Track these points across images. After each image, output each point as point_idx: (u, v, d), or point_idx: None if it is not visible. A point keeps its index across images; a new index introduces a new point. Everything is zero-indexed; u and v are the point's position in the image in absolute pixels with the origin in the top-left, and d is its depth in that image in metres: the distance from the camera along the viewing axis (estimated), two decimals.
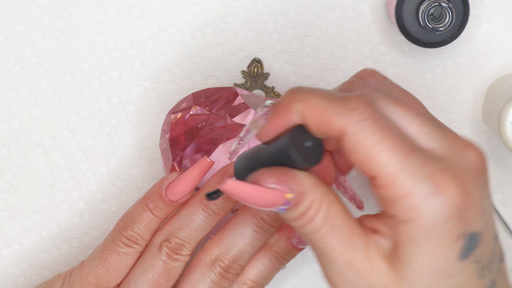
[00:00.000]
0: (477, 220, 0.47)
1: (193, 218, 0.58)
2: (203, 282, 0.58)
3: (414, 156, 0.46)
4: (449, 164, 0.46)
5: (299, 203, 0.48)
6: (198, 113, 0.62)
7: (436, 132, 0.47)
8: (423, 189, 0.45)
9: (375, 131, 0.46)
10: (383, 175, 0.46)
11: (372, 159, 0.46)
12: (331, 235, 0.48)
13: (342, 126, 0.46)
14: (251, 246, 0.58)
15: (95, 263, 0.59)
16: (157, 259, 0.58)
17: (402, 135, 0.46)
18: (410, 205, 0.46)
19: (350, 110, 0.46)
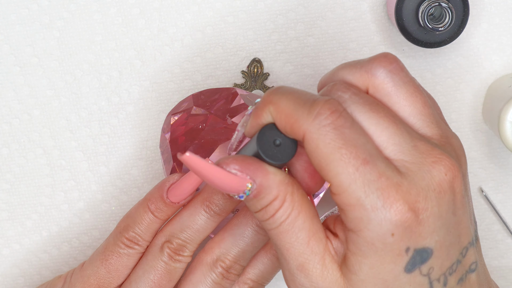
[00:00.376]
0: (429, 236, 0.47)
1: (195, 219, 0.58)
2: (204, 282, 0.58)
3: (369, 167, 0.46)
4: (408, 180, 0.46)
5: (259, 195, 0.48)
6: (198, 114, 0.62)
7: (406, 144, 0.47)
8: (371, 202, 0.46)
9: (332, 139, 0.46)
10: (335, 183, 0.46)
11: (326, 166, 0.46)
12: (289, 235, 0.48)
13: (304, 130, 0.47)
14: (252, 246, 0.58)
15: (96, 264, 0.59)
16: (159, 260, 0.58)
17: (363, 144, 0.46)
18: (356, 216, 0.46)
19: (313, 115, 0.46)
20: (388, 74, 0.48)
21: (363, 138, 0.47)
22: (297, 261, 0.48)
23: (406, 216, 0.46)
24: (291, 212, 0.48)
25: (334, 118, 0.46)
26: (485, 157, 0.67)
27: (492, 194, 0.68)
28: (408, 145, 0.47)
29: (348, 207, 0.46)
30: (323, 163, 0.46)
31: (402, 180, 0.46)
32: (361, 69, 0.49)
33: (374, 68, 0.49)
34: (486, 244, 0.68)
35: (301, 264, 0.48)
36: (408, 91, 0.49)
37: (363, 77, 0.49)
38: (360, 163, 0.46)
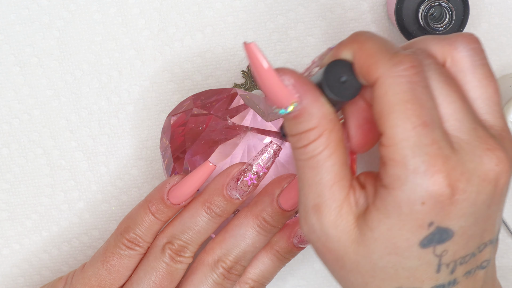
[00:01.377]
0: (456, 218, 0.46)
1: (196, 220, 0.58)
2: (206, 283, 0.58)
3: (427, 130, 0.45)
4: (458, 157, 0.46)
5: (299, 118, 0.47)
6: (198, 114, 0.62)
7: (467, 123, 0.47)
8: (415, 164, 0.45)
9: (403, 91, 0.45)
10: (388, 134, 0.46)
11: (387, 115, 0.46)
12: (315, 173, 0.48)
13: (379, 74, 0.46)
14: (253, 247, 0.58)
15: (97, 266, 0.59)
16: (160, 261, 0.58)
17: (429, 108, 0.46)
18: (395, 173, 0.46)
19: (393, 62, 0.46)
20: (469, 51, 0.48)
21: (430, 102, 0.46)
22: (315, 201, 0.48)
23: (442, 190, 0.45)
24: (323, 149, 0.47)
25: (412, 72, 0.46)
26: None
27: None
28: (469, 124, 0.47)
29: (391, 161, 0.46)
30: (385, 111, 0.46)
31: (452, 155, 0.46)
32: (443, 40, 0.49)
33: (457, 42, 0.48)
34: None
35: (318, 205, 0.48)
36: (484, 74, 0.48)
37: (444, 48, 0.48)
38: (419, 123, 0.45)
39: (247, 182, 0.58)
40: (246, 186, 0.58)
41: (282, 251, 0.60)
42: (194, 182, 0.58)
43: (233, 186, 0.58)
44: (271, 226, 0.58)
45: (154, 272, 0.58)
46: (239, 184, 0.58)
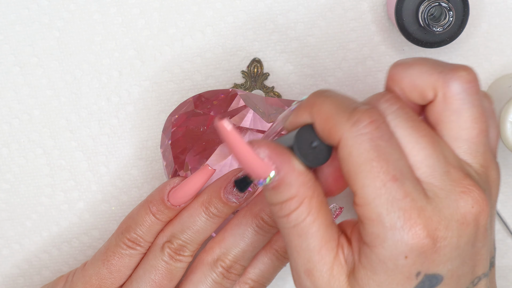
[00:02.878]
0: (443, 263, 0.46)
1: (195, 220, 0.58)
2: (205, 282, 0.59)
3: (397, 184, 0.45)
4: (433, 205, 0.46)
5: (278, 188, 0.48)
6: (198, 115, 0.62)
7: (439, 168, 0.47)
8: (391, 221, 0.45)
9: (367, 149, 0.45)
10: (359, 195, 0.46)
11: (355, 176, 0.46)
12: (301, 240, 0.48)
13: (340, 136, 0.46)
14: (252, 246, 0.59)
15: (98, 265, 0.59)
16: (160, 260, 0.58)
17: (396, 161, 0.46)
18: (374, 232, 0.46)
19: (352, 122, 0.46)
20: (462, 91, 0.47)
21: (397, 154, 0.46)
22: (305, 266, 0.48)
23: (423, 242, 0.45)
24: (306, 216, 0.48)
25: (372, 128, 0.46)
26: None
27: None
28: (441, 169, 0.46)
29: (368, 220, 0.46)
30: (352, 172, 0.46)
31: (426, 205, 0.46)
32: (439, 74, 0.47)
33: (452, 80, 0.47)
34: None
35: (309, 270, 0.48)
36: (472, 116, 0.47)
37: (438, 82, 0.47)
38: (388, 179, 0.45)
39: None
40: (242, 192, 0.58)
41: (281, 250, 0.60)
42: (193, 185, 0.58)
43: (230, 190, 0.58)
44: (269, 226, 0.59)
45: (154, 270, 0.58)
46: (234, 190, 0.58)
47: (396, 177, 0.45)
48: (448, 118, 0.48)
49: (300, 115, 0.48)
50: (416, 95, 0.48)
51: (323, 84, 0.66)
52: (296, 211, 0.48)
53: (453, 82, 0.47)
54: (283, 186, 0.47)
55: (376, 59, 0.66)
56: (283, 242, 0.60)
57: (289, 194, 0.47)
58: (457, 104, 0.47)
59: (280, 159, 0.47)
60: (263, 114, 0.63)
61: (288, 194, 0.47)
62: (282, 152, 0.47)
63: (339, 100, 0.47)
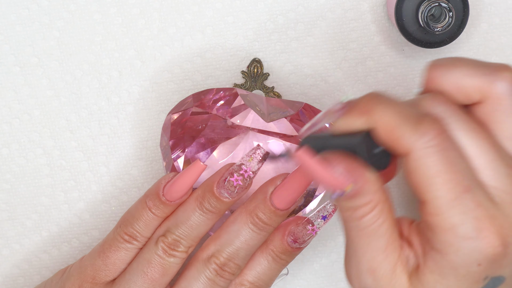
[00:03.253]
0: (508, 267, 0.47)
1: (189, 215, 0.59)
2: (198, 278, 0.59)
3: (469, 195, 0.46)
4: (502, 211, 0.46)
5: (354, 197, 0.48)
6: (198, 113, 0.62)
7: (503, 172, 0.47)
8: (465, 231, 0.46)
9: (438, 161, 0.46)
10: (433, 205, 0.46)
11: (427, 187, 0.46)
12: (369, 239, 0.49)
13: (408, 148, 0.46)
14: (246, 244, 0.59)
15: (94, 256, 0.60)
16: (153, 253, 0.59)
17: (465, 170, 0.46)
18: (448, 240, 0.46)
19: (420, 133, 0.46)
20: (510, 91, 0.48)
21: (464, 162, 0.46)
22: (370, 264, 0.49)
23: (497, 250, 0.46)
24: (377, 219, 0.48)
25: (439, 140, 0.46)
26: None
27: None
28: (504, 172, 0.47)
29: (440, 229, 0.47)
30: (423, 184, 0.46)
31: (496, 212, 0.46)
32: (483, 75, 0.48)
33: (498, 80, 0.48)
34: None
35: (373, 268, 0.49)
36: None
37: (484, 84, 0.48)
38: (461, 190, 0.46)
39: (233, 182, 0.58)
40: (232, 186, 0.58)
41: (276, 250, 0.60)
42: (185, 180, 0.58)
43: (221, 185, 0.58)
44: (264, 224, 0.59)
45: (147, 263, 0.59)
46: (225, 184, 0.58)
47: (468, 187, 0.46)
48: (498, 118, 0.48)
49: (355, 120, 0.48)
50: (461, 97, 0.48)
51: (323, 84, 0.66)
52: (369, 215, 0.48)
53: (500, 83, 0.47)
54: (359, 195, 0.48)
55: (376, 59, 0.66)
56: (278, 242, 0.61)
57: (364, 201, 0.48)
58: (506, 104, 0.48)
59: (356, 173, 0.48)
60: (263, 114, 0.63)
61: (363, 201, 0.48)
62: (356, 166, 0.48)
63: (400, 109, 0.47)
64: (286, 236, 0.60)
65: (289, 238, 0.60)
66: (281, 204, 0.59)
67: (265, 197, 0.59)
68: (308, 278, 0.68)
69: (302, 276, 0.68)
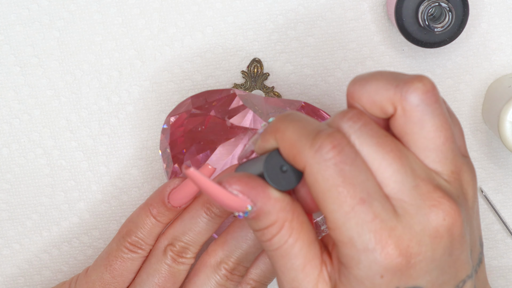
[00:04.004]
0: (421, 277, 0.46)
1: (196, 221, 0.58)
2: (209, 284, 0.59)
3: (366, 207, 0.46)
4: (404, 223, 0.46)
5: (258, 218, 0.48)
6: (197, 115, 0.62)
7: (408, 183, 0.46)
8: (362, 243, 0.46)
9: (331, 175, 0.46)
10: (330, 219, 0.46)
11: (322, 202, 0.46)
12: (285, 260, 0.48)
13: (305, 163, 0.46)
14: (255, 248, 0.59)
15: (100, 270, 0.60)
16: (162, 263, 0.59)
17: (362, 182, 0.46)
18: (349, 254, 0.46)
19: (315, 149, 0.46)
20: (421, 102, 0.47)
21: (363, 175, 0.46)
22: (291, 284, 0.49)
23: (396, 261, 0.46)
24: (287, 239, 0.48)
25: (334, 153, 0.46)
26: (485, 157, 0.67)
27: (492, 194, 0.68)
28: (409, 184, 0.46)
29: (341, 243, 0.46)
30: (320, 198, 0.46)
31: (396, 224, 0.46)
32: (396, 88, 0.47)
33: (409, 92, 0.47)
34: (486, 244, 0.68)
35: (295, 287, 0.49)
36: (435, 125, 0.47)
37: (395, 96, 0.47)
38: (356, 202, 0.46)
39: None
40: None
41: None
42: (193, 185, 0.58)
43: None
44: None
45: (157, 274, 0.59)
46: None
47: (363, 199, 0.46)
48: (411, 130, 0.47)
49: (266, 140, 0.49)
50: (376, 111, 0.48)
51: (323, 84, 0.66)
52: (278, 235, 0.48)
53: (410, 95, 0.47)
54: (262, 215, 0.48)
55: (376, 59, 0.66)
56: None
57: (269, 222, 0.48)
58: (417, 116, 0.47)
59: (254, 192, 0.48)
60: (261, 114, 0.63)
61: (268, 221, 0.48)
62: (255, 184, 0.48)
63: (301, 125, 0.47)
64: None
65: None
66: None
67: None
68: None
69: None
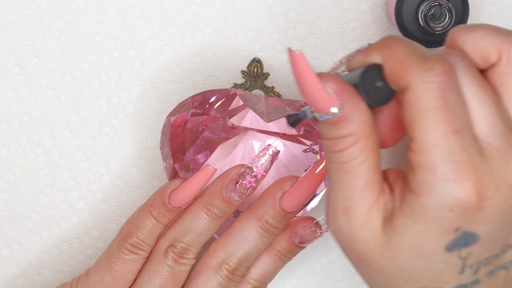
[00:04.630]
0: (483, 224, 0.46)
1: (197, 222, 0.58)
2: (210, 285, 0.59)
3: (457, 137, 0.45)
4: (487, 164, 0.46)
5: (338, 124, 0.47)
6: (197, 115, 0.62)
7: (499, 129, 0.46)
8: (444, 172, 0.45)
9: (435, 97, 0.45)
10: (418, 141, 0.46)
11: (417, 121, 0.45)
12: (348, 176, 0.47)
13: (410, 80, 0.46)
14: (256, 248, 0.59)
15: (101, 272, 0.60)
16: (163, 264, 0.59)
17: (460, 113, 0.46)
18: (424, 180, 0.46)
19: (425, 68, 0.45)
20: None
21: (462, 107, 0.46)
22: (345, 203, 0.48)
23: (471, 198, 0.45)
24: (359, 155, 0.47)
25: (443, 78, 0.45)
26: None
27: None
28: (500, 130, 0.46)
29: (420, 168, 0.46)
30: (415, 117, 0.45)
31: (481, 162, 0.46)
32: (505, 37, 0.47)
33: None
34: None
35: (347, 208, 0.48)
36: None
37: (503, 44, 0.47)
38: (450, 130, 0.45)
39: (246, 185, 0.58)
40: (245, 189, 0.58)
41: (283, 251, 0.61)
42: (194, 185, 0.58)
43: (232, 188, 0.58)
44: (273, 228, 0.59)
45: (158, 275, 0.59)
46: (237, 187, 0.58)
47: (457, 129, 0.45)
48: (510, 81, 0.47)
49: (370, 55, 0.48)
50: (478, 57, 0.48)
51: None
52: (351, 148, 0.47)
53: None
54: (345, 122, 0.47)
55: None
56: (285, 243, 0.61)
57: (348, 131, 0.47)
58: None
59: (346, 96, 0.47)
60: (262, 114, 0.63)
61: (347, 130, 0.47)
62: (349, 89, 0.47)
63: (413, 46, 0.47)
64: (293, 238, 0.60)
65: (297, 240, 0.60)
66: (291, 207, 0.59)
67: (274, 202, 0.58)
68: (308, 278, 0.68)
69: (302, 276, 0.68)
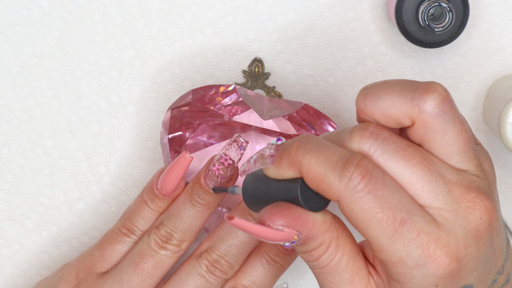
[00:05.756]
0: (469, 276, 0.47)
1: (180, 208, 0.60)
2: (190, 273, 0.60)
3: (407, 226, 0.46)
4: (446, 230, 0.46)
5: (305, 243, 0.48)
6: (197, 109, 0.63)
7: (440, 191, 0.47)
8: (413, 261, 0.46)
9: (367, 204, 0.46)
10: (375, 244, 0.47)
11: (364, 230, 0.46)
12: (333, 276, 0.49)
13: (337, 197, 0.46)
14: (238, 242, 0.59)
15: (92, 248, 0.62)
16: (145, 245, 0.60)
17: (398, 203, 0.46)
18: (400, 272, 0.47)
19: (345, 182, 0.46)
20: (439, 112, 0.47)
21: (397, 194, 0.46)
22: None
23: (448, 268, 0.46)
24: (335, 255, 0.48)
25: (366, 183, 0.46)
26: None
27: None
28: (443, 191, 0.47)
29: (390, 263, 0.47)
30: (360, 227, 0.46)
31: (440, 233, 0.46)
32: (411, 101, 0.47)
33: (426, 105, 0.47)
34: None
35: None
36: (455, 130, 0.47)
37: (413, 110, 0.47)
38: (398, 224, 0.46)
39: (215, 172, 0.59)
40: (215, 176, 0.59)
41: (270, 253, 0.60)
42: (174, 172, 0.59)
43: (207, 175, 0.59)
44: None
45: (138, 254, 0.60)
46: (209, 173, 0.59)
47: (404, 219, 0.46)
48: (433, 138, 0.48)
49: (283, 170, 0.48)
50: (392, 124, 0.48)
51: (323, 84, 0.66)
52: (325, 254, 0.48)
53: (428, 107, 0.47)
54: (309, 240, 0.48)
55: (376, 59, 0.66)
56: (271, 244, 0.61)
57: (316, 244, 0.48)
58: (438, 126, 0.47)
59: (298, 223, 0.48)
60: (260, 112, 0.63)
61: (315, 244, 0.48)
62: (296, 215, 0.48)
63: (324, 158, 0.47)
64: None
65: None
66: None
67: None
68: (308, 278, 0.68)
69: (302, 276, 0.68)
